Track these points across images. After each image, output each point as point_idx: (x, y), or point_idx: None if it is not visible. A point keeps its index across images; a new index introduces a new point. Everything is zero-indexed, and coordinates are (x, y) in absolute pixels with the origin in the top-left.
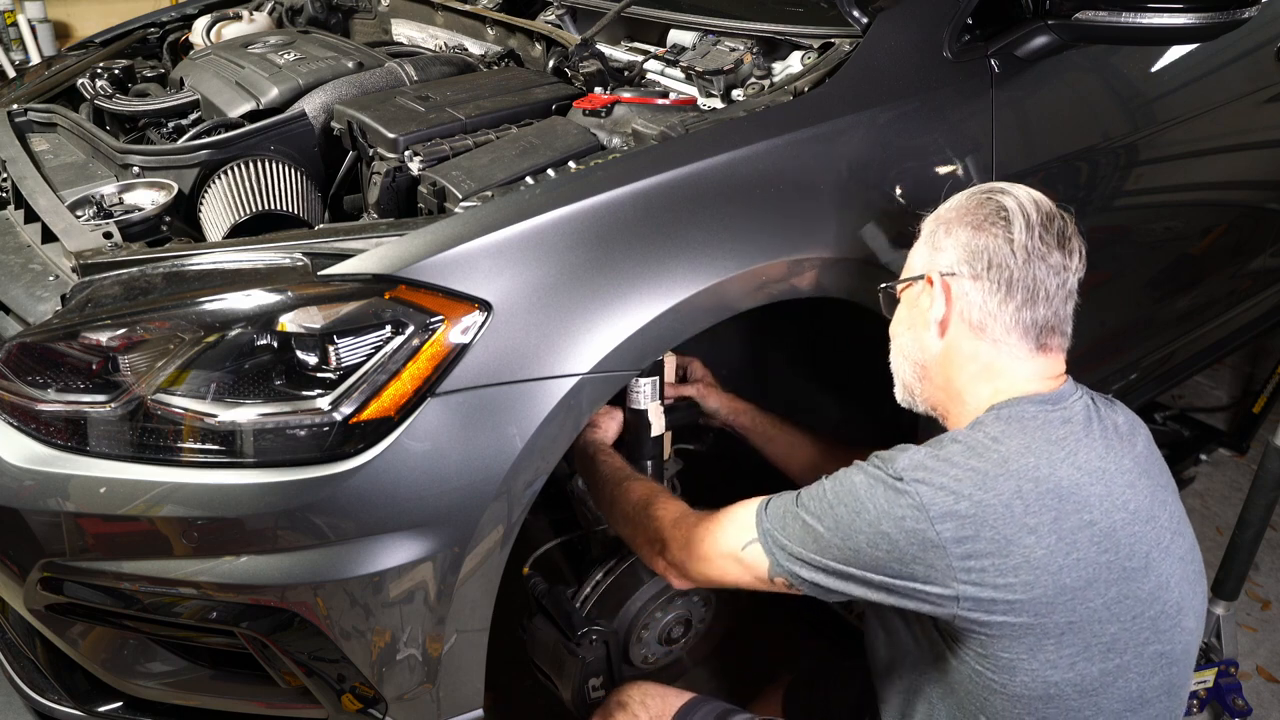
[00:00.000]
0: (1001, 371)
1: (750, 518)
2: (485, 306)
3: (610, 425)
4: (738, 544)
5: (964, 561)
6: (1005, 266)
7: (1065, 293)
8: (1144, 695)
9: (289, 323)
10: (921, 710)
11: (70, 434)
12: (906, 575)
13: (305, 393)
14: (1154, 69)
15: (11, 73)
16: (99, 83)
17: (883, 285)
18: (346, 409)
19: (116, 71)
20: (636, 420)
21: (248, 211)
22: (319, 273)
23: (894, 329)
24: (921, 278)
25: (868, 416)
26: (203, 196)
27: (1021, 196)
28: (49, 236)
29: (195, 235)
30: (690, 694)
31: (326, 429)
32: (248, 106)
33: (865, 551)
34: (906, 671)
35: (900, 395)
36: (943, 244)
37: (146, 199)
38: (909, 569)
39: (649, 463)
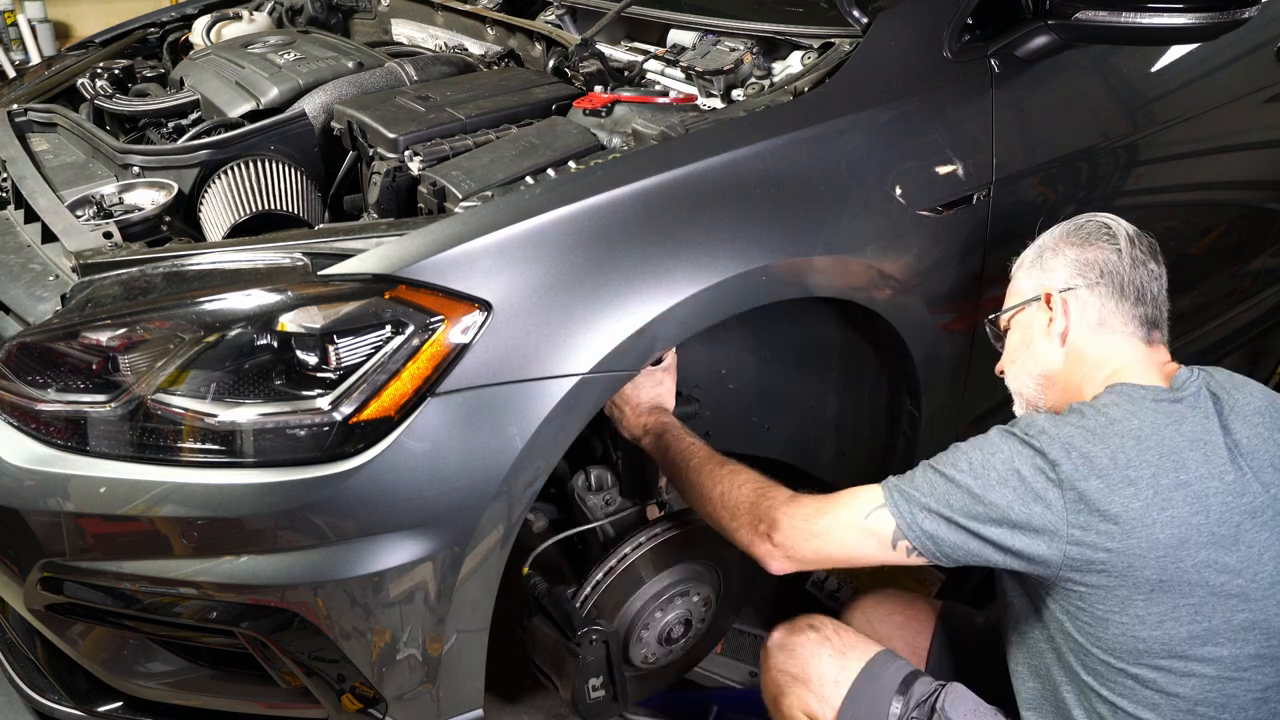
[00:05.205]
0: (1119, 360)
1: (874, 490)
2: (485, 306)
3: (665, 382)
4: (861, 513)
5: (1075, 504)
6: (1116, 273)
7: (1162, 296)
8: (1239, 663)
9: (289, 323)
10: (1043, 681)
11: (70, 434)
12: (1023, 523)
13: (305, 393)
14: (1154, 69)
15: (11, 73)
16: (99, 83)
17: (990, 317)
18: (346, 409)
19: (116, 71)
20: None
21: (248, 211)
22: (319, 273)
23: (1009, 354)
24: (1036, 299)
25: (865, 417)
26: (203, 196)
27: (1113, 218)
28: (49, 236)
29: (195, 235)
30: (880, 647)
31: (326, 429)
32: (248, 106)
33: (994, 490)
34: (1025, 644)
35: (1020, 409)
36: (1051, 265)
37: (146, 199)
38: (1029, 510)
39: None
